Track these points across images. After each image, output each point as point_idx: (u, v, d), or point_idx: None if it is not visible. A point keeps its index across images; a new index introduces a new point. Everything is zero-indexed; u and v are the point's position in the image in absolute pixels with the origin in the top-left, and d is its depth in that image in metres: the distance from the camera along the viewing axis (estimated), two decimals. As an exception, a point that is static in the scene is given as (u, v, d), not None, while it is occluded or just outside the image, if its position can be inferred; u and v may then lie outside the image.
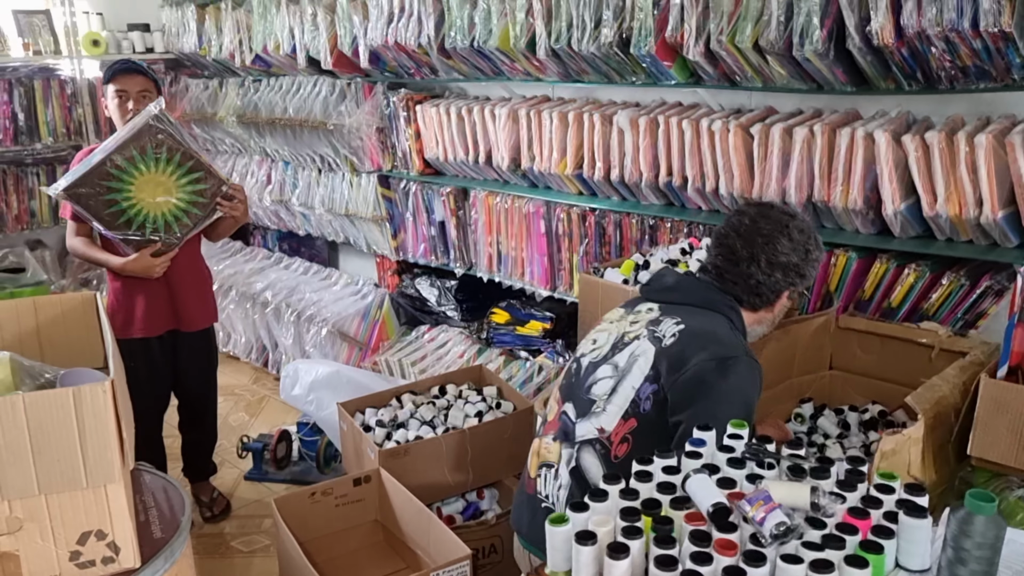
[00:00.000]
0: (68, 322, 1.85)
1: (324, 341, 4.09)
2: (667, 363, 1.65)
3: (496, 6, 3.25)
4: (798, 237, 1.83)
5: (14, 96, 4.84)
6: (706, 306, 1.79)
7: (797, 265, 1.83)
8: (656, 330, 1.73)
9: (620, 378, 1.71)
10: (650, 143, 3.01)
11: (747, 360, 1.67)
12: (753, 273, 1.80)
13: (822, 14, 2.38)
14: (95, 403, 1.29)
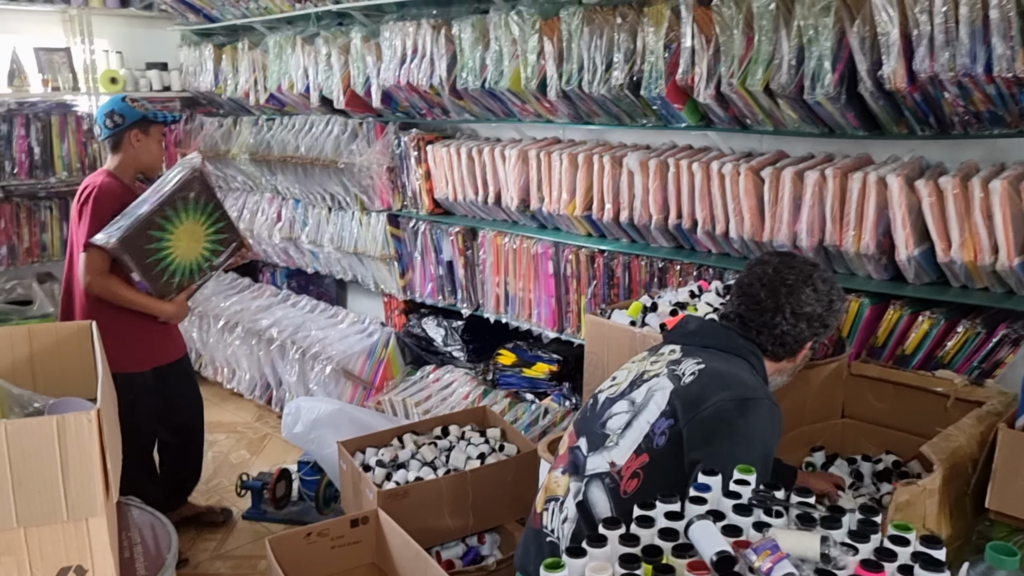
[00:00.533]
0: (62, 351, 1.82)
1: (328, 379, 4.04)
2: (685, 400, 1.63)
3: (508, 48, 3.27)
4: (822, 287, 1.82)
5: (31, 131, 4.90)
6: (728, 350, 1.77)
7: (821, 316, 1.82)
8: (676, 369, 1.71)
9: (636, 413, 1.68)
10: (660, 185, 2.99)
11: (768, 403, 1.63)
12: (778, 323, 1.79)
13: (834, 58, 2.37)
14: (79, 433, 1.25)
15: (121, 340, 2.87)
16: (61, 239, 5.10)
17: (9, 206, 4.90)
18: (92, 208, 2.91)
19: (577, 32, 3.02)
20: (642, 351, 1.94)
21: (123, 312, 2.95)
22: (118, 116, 3.09)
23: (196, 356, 4.91)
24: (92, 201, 2.92)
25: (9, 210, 4.90)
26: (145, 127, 3.12)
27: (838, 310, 1.86)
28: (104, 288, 2.91)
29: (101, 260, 2.89)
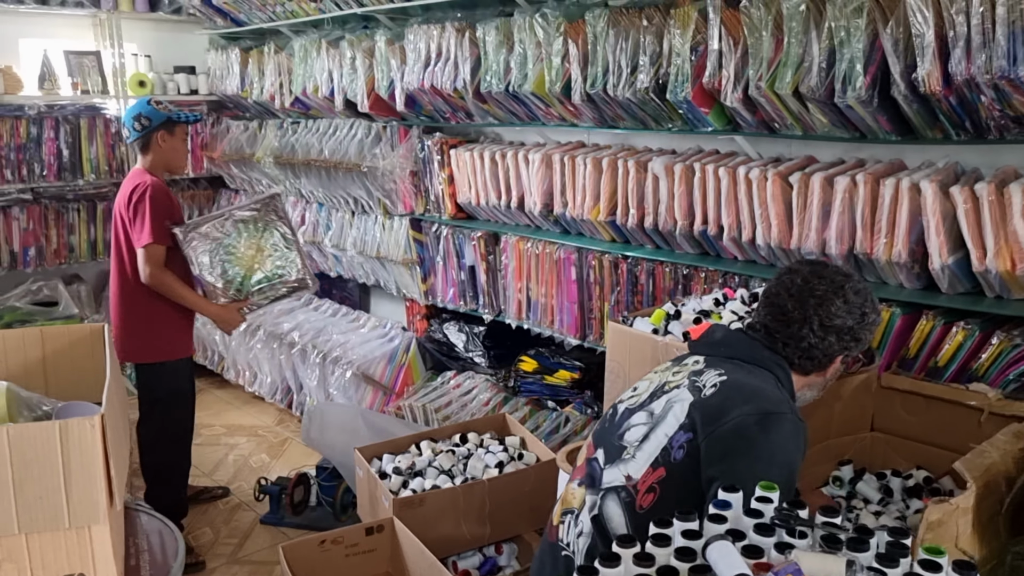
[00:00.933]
0: (75, 353, 1.80)
1: (348, 384, 4.02)
2: (705, 413, 1.56)
3: (532, 51, 3.23)
4: (854, 299, 1.73)
5: (60, 133, 4.94)
6: (754, 362, 1.70)
7: (852, 329, 1.73)
8: (697, 380, 1.65)
9: (654, 425, 1.62)
10: (685, 190, 2.93)
11: (792, 418, 1.56)
12: (805, 336, 1.71)
13: (866, 60, 2.30)
14: (83, 438, 1.23)
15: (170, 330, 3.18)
16: (88, 241, 5.14)
17: (38, 208, 4.94)
18: (150, 205, 3.05)
19: (602, 34, 2.97)
20: (665, 360, 1.88)
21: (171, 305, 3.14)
22: (144, 119, 3.20)
23: (218, 359, 4.92)
24: (149, 200, 3.05)
25: (37, 212, 4.94)
26: (170, 128, 3.23)
27: (871, 323, 1.78)
28: (161, 282, 3.09)
29: (159, 255, 3.08)
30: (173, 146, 3.25)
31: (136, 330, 3.16)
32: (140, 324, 3.15)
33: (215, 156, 5.33)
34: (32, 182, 4.90)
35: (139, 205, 3.07)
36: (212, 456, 4.08)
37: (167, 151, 3.24)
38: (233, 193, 5.50)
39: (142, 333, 3.16)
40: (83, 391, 1.68)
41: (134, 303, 3.15)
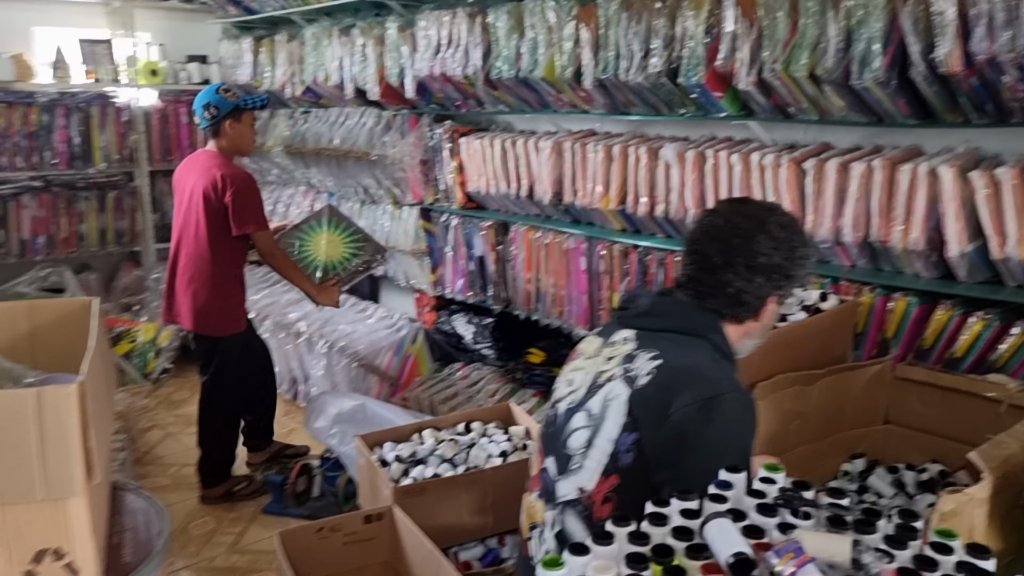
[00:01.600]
0: (64, 328, 1.76)
1: (355, 374, 3.98)
2: (645, 409, 1.44)
3: (543, 36, 3.18)
4: (780, 233, 1.56)
5: (71, 122, 4.94)
6: (686, 331, 1.55)
7: (781, 266, 1.56)
8: (631, 367, 1.51)
9: (595, 428, 1.50)
10: (697, 178, 2.86)
11: (734, 396, 1.44)
12: (731, 280, 1.55)
13: (884, 41, 2.23)
14: (59, 407, 1.18)
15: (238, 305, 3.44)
16: (98, 230, 5.14)
17: (48, 196, 4.94)
18: (250, 193, 3.30)
19: (615, 18, 2.91)
20: (592, 335, 1.74)
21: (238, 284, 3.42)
22: (213, 108, 3.33)
23: (227, 348, 4.89)
24: (247, 189, 3.29)
25: (48, 200, 4.94)
26: (237, 115, 3.36)
27: (802, 257, 1.60)
28: (283, 261, 3.46)
29: (270, 237, 3.44)
30: (241, 132, 3.39)
31: (214, 307, 3.36)
32: (217, 301, 3.35)
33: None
34: (43, 170, 4.91)
35: (235, 194, 3.26)
36: (217, 445, 4.05)
37: (235, 136, 3.38)
38: (244, 183, 5.47)
39: (220, 309, 3.37)
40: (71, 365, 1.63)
41: (212, 282, 3.34)
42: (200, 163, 3.38)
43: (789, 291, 1.62)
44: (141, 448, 4.08)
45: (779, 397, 2.07)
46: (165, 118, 5.30)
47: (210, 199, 3.28)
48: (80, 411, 1.22)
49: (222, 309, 3.38)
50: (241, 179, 3.30)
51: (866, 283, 2.49)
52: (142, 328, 4.79)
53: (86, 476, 1.25)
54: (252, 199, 3.31)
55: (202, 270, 3.35)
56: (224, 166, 3.31)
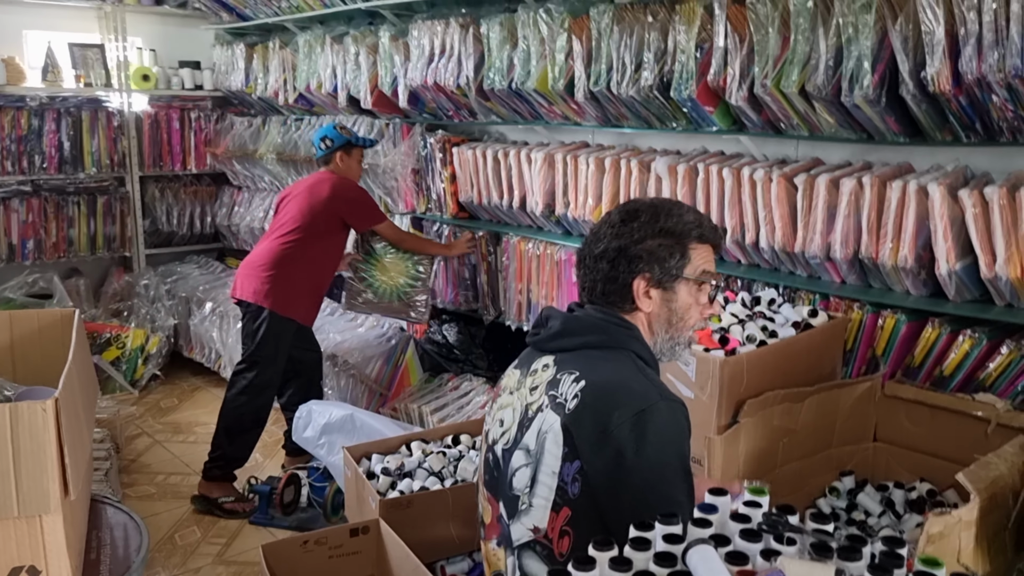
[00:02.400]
0: (44, 339, 1.74)
1: (344, 384, 3.96)
2: (579, 434, 1.41)
3: (536, 47, 3.18)
4: (616, 219, 1.57)
5: (62, 126, 4.92)
6: (603, 344, 1.52)
7: (621, 249, 1.54)
8: (557, 394, 1.47)
9: (536, 463, 1.46)
10: (688, 191, 2.86)
11: (664, 405, 1.42)
12: (586, 274, 1.58)
13: (874, 58, 2.23)
14: (33, 423, 1.17)
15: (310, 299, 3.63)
16: (88, 235, 5.11)
17: (37, 200, 4.91)
18: (363, 195, 3.68)
19: (607, 31, 2.91)
20: (511, 368, 1.68)
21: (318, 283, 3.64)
22: (329, 140, 3.64)
23: (216, 356, 4.87)
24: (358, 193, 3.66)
25: (37, 204, 4.91)
26: (348, 149, 3.67)
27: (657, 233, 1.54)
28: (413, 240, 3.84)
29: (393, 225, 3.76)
30: (349, 165, 3.68)
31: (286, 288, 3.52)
32: (293, 283, 3.53)
33: (218, 152, 5.30)
34: (32, 174, 4.88)
35: (358, 200, 3.63)
36: (204, 454, 4.01)
37: (344, 168, 3.67)
38: (236, 190, 5.46)
39: (290, 292, 3.53)
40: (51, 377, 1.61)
41: (299, 269, 3.54)
42: (313, 178, 3.72)
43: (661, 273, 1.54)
44: (127, 456, 4.05)
45: (768, 414, 2.06)
46: (157, 123, 5.28)
47: (319, 202, 3.55)
48: (56, 427, 1.20)
49: (291, 293, 3.55)
50: (353, 187, 3.66)
51: (856, 300, 2.49)
52: (131, 334, 4.76)
53: (62, 493, 1.23)
54: (366, 200, 3.66)
55: (285, 260, 3.54)
56: (336, 178, 3.64)
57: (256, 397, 3.59)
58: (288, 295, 3.54)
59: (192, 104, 5.40)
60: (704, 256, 1.59)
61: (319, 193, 3.57)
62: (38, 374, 1.68)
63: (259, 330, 3.55)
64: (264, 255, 3.59)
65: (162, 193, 5.45)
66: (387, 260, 3.81)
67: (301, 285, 3.57)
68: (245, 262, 3.69)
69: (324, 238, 3.59)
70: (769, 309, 2.36)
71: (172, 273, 5.45)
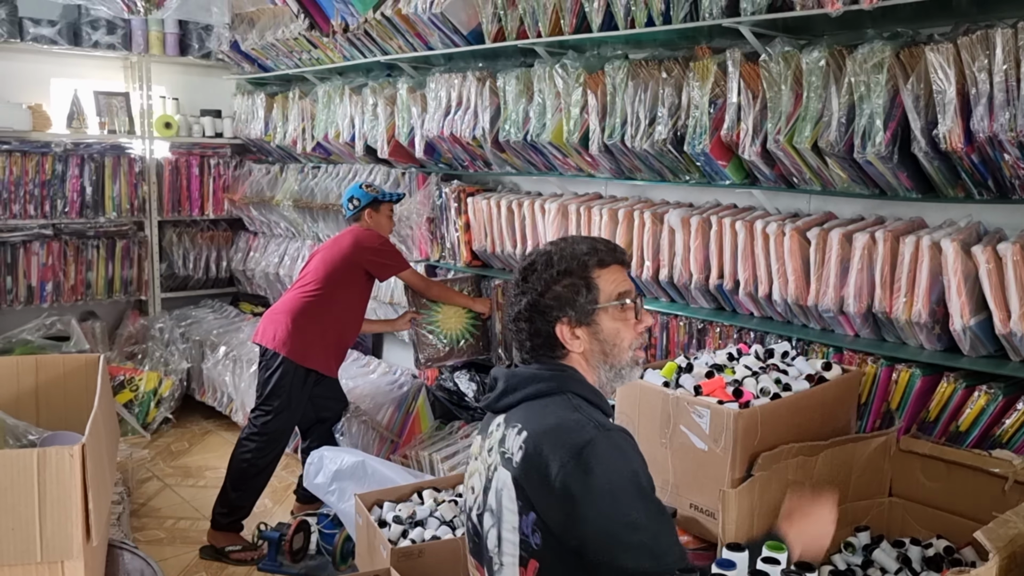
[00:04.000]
0: (68, 384, 1.77)
1: (355, 430, 3.96)
2: (528, 484, 1.44)
3: (551, 101, 3.24)
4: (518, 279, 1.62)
5: (85, 171, 5.01)
6: (541, 393, 1.54)
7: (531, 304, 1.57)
8: (505, 450, 1.51)
9: (498, 523, 1.50)
10: (701, 244, 2.89)
11: (603, 436, 1.43)
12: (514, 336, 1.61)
13: (886, 116, 2.27)
14: (60, 469, 1.18)
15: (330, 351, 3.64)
16: (106, 279, 5.17)
17: (58, 244, 4.98)
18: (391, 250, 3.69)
19: (622, 86, 2.97)
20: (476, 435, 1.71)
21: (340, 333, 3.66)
22: (356, 200, 3.71)
23: (227, 400, 4.88)
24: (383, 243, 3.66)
25: (57, 248, 4.98)
26: (376, 206, 3.71)
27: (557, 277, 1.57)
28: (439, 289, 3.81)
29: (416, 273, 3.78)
30: (378, 221, 3.72)
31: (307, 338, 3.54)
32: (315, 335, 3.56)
33: (236, 198, 5.38)
34: (54, 218, 4.96)
35: (379, 253, 3.63)
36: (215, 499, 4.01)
37: (373, 224, 3.70)
38: (252, 235, 5.53)
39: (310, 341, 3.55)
40: (75, 422, 1.63)
41: (320, 319, 3.58)
42: (343, 232, 3.74)
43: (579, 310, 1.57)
44: (137, 500, 4.04)
45: (782, 467, 2.05)
46: (177, 170, 5.38)
47: (340, 253, 3.61)
48: (81, 474, 1.22)
49: (311, 342, 3.56)
50: (375, 236, 3.66)
51: (870, 353, 2.49)
52: (145, 377, 4.79)
53: (84, 539, 1.24)
54: (388, 249, 3.68)
55: (308, 310, 3.57)
56: (360, 230, 3.68)
57: (264, 445, 3.56)
58: (307, 344, 3.55)
59: (212, 151, 5.50)
60: (613, 278, 1.61)
61: (341, 244, 3.63)
62: (62, 418, 1.70)
63: (272, 377, 3.55)
64: (287, 303, 3.63)
65: (179, 238, 5.52)
66: (445, 305, 3.84)
67: (322, 335, 3.59)
68: (270, 310, 3.73)
69: (346, 288, 3.61)
70: (783, 362, 2.37)
71: (187, 317, 5.49)
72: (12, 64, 4.88)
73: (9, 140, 4.76)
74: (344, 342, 3.74)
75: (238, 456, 3.58)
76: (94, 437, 1.33)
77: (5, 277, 4.84)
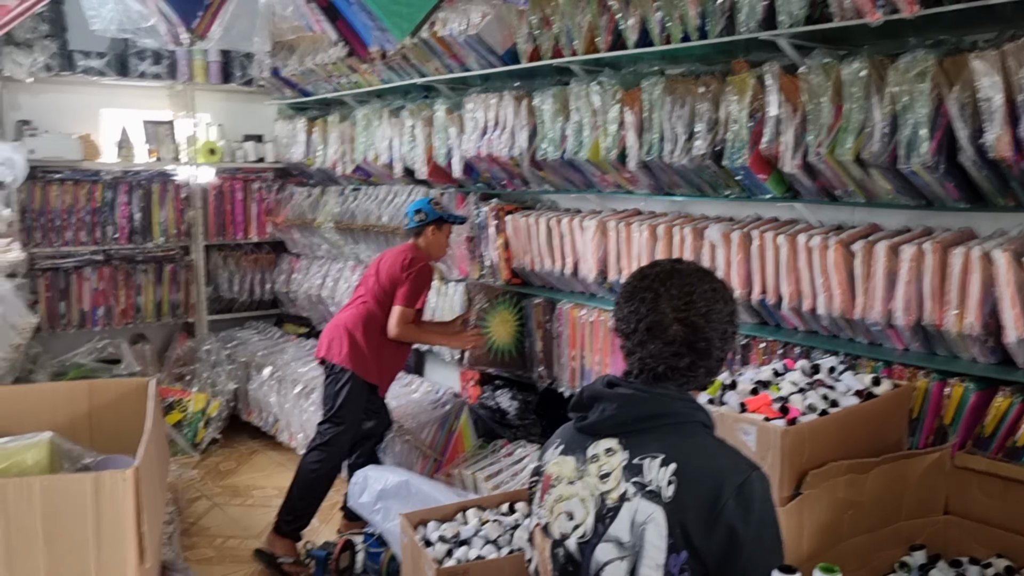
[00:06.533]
0: (120, 408, 1.81)
1: (399, 449, 3.98)
2: (688, 522, 1.39)
3: (588, 119, 3.25)
4: (717, 284, 1.58)
5: (133, 198, 5.15)
6: (672, 421, 1.49)
7: (728, 327, 1.57)
8: (643, 480, 1.43)
9: (635, 558, 1.42)
10: (743, 258, 2.86)
11: (756, 475, 1.43)
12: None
13: (931, 126, 2.24)
14: (114, 492, 1.21)
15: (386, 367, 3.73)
16: (154, 302, 5.29)
17: (108, 269, 5.11)
18: (418, 277, 3.63)
19: (659, 102, 2.97)
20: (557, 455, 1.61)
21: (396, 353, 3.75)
22: (423, 213, 3.70)
23: (273, 420, 4.93)
24: (419, 272, 3.63)
25: (108, 273, 5.11)
26: (440, 224, 3.72)
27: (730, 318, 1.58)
28: (404, 334, 3.68)
29: (409, 317, 3.66)
30: (438, 239, 3.74)
31: (367, 354, 3.64)
32: (372, 351, 3.64)
33: (279, 221, 5.46)
34: (104, 244, 5.09)
35: (409, 272, 3.62)
36: (262, 518, 4.05)
37: (433, 241, 3.72)
38: (294, 258, 5.61)
39: (372, 358, 3.65)
40: (126, 445, 1.67)
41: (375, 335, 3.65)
42: (398, 249, 3.78)
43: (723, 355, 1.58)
44: (187, 519, 4.10)
45: (832, 485, 2.01)
46: (221, 195, 5.49)
47: (394, 274, 3.65)
48: (135, 496, 1.24)
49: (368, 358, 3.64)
50: (421, 263, 3.66)
51: (920, 367, 2.44)
52: (193, 398, 4.87)
53: (138, 561, 1.27)
54: (420, 284, 3.66)
55: (371, 322, 3.66)
56: (414, 251, 3.70)
57: (331, 455, 3.69)
58: (368, 360, 3.64)
59: (255, 176, 5.61)
60: None
61: (394, 268, 3.67)
62: (114, 441, 1.74)
63: (342, 390, 3.65)
64: (348, 319, 3.71)
65: (224, 261, 5.63)
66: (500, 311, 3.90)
67: (379, 351, 3.68)
68: (331, 324, 3.80)
69: None
70: (830, 377, 2.33)
71: (233, 338, 5.58)
72: (63, 96, 5.04)
73: (61, 169, 4.92)
74: (399, 360, 3.82)
75: (306, 466, 3.69)
76: (146, 460, 1.36)
77: (59, 302, 4.98)
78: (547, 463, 1.62)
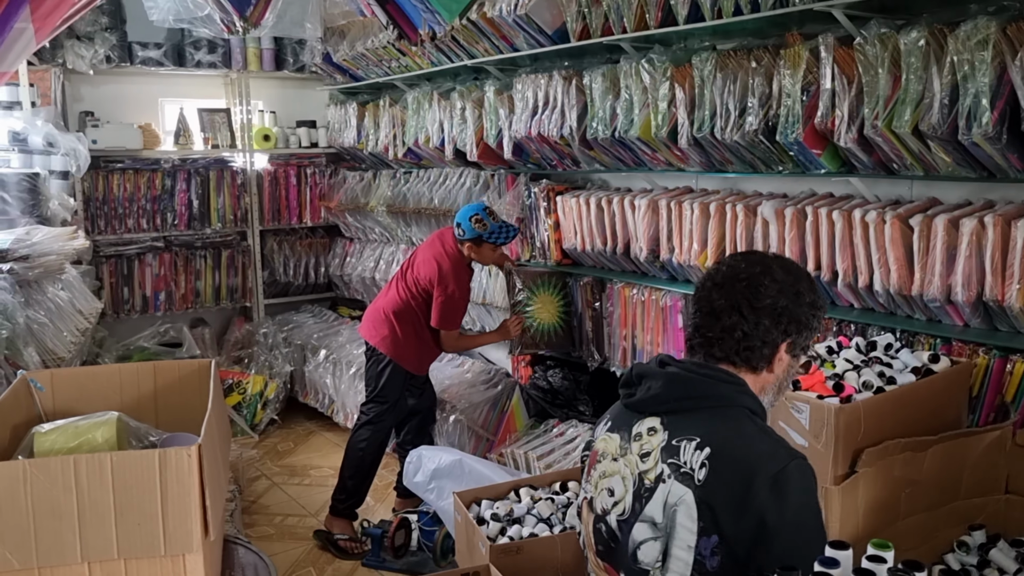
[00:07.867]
0: (184, 388, 1.88)
1: (451, 429, 4.03)
2: (718, 506, 1.38)
3: (638, 96, 3.22)
4: (784, 277, 1.53)
5: (191, 185, 5.27)
6: (716, 403, 1.48)
7: (788, 308, 1.52)
8: (679, 462, 1.43)
9: (667, 539, 1.42)
10: (797, 235, 2.82)
11: (796, 464, 1.40)
12: (737, 324, 1.50)
13: (992, 95, 2.17)
14: (179, 468, 1.26)
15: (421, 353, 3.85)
16: (213, 287, 5.43)
17: (169, 255, 5.26)
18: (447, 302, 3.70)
19: (710, 78, 2.93)
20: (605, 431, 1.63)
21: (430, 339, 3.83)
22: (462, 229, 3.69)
23: (329, 402, 5.04)
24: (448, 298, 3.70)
25: (168, 259, 5.26)
26: (479, 242, 3.70)
27: (809, 304, 1.55)
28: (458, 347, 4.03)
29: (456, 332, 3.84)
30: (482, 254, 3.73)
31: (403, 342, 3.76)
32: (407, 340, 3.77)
33: (332, 206, 5.54)
34: (165, 231, 5.23)
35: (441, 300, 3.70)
36: (320, 497, 4.15)
37: (476, 254, 3.73)
38: (347, 241, 5.69)
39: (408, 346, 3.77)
40: (189, 423, 1.73)
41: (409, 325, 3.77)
42: (437, 248, 3.77)
43: (802, 341, 1.56)
44: (248, 497, 4.22)
45: (888, 463, 1.99)
46: (276, 180, 5.59)
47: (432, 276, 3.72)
48: (199, 472, 1.30)
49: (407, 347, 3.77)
50: (452, 293, 3.70)
51: (981, 344, 2.38)
52: (251, 380, 5.00)
53: (203, 533, 1.32)
54: (453, 306, 3.74)
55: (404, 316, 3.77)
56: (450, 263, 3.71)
57: (376, 433, 3.80)
58: (406, 348, 3.78)
59: (308, 161, 5.70)
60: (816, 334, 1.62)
61: (431, 271, 3.72)
62: (178, 420, 1.81)
63: (384, 373, 3.78)
64: (390, 304, 3.81)
65: (280, 246, 5.74)
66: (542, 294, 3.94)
67: (418, 337, 3.79)
68: (374, 305, 3.92)
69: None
70: (886, 354, 2.29)
71: (288, 322, 5.70)
72: (123, 87, 5.18)
73: (123, 159, 5.06)
74: (435, 348, 3.91)
75: (354, 445, 3.82)
76: (209, 438, 1.41)
77: (122, 288, 5.14)
78: (596, 438, 1.65)
